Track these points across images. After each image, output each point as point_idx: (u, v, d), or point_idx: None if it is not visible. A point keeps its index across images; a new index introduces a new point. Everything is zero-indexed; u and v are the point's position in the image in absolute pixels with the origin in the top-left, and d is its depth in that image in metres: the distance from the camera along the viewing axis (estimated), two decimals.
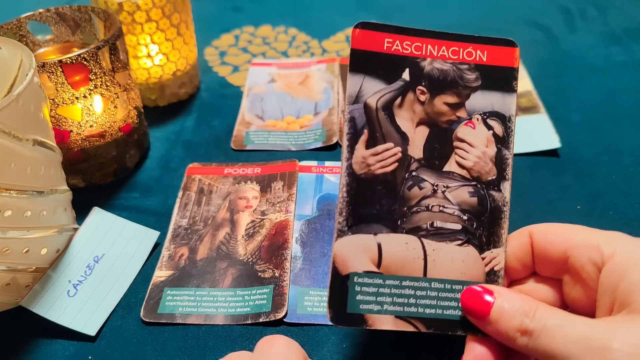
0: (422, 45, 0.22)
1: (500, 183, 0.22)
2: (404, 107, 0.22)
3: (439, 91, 0.22)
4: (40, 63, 0.28)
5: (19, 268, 0.26)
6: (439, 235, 0.21)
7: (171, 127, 0.40)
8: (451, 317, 0.20)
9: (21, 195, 0.24)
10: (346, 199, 0.21)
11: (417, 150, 0.22)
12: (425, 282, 0.21)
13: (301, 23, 0.51)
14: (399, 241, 0.21)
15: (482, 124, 0.22)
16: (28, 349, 0.26)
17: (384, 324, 0.20)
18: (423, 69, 0.22)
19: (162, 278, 0.28)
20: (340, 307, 0.20)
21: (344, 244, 0.21)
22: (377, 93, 0.22)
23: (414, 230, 0.21)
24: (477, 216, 0.21)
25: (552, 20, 0.50)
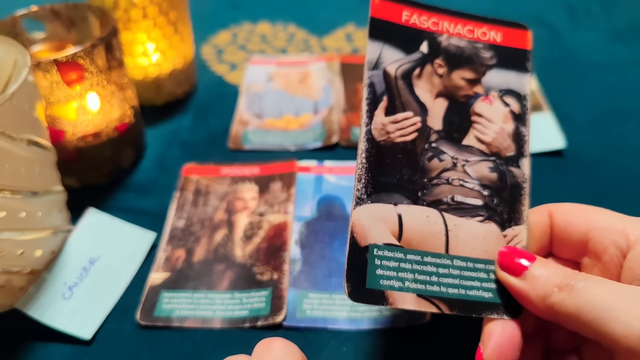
0: (439, 22, 0.23)
1: (519, 159, 0.21)
2: (422, 78, 0.22)
3: (456, 66, 0.22)
4: (34, 61, 0.28)
5: (14, 270, 0.26)
6: (460, 210, 0.21)
7: (168, 126, 0.39)
8: (475, 298, 0.19)
9: (15, 195, 0.24)
10: (365, 165, 0.21)
11: (437, 121, 0.22)
12: (448, 259, 0.20)
13: (300, 20, 0.51)
14: (420, 214, 0.20)
15: (499, 100, 0.22)
16: (23, 352, 0.25)
17: (406, 302, 0.19)
18: (440, 43, 0.22)
19: (158, 280, 0.28)
20: (359, 281, 0.19)
21: (363, 212, 0.20)
22: (396, 62, 0.22)
23: (435, 203, 0.21)
24: (498, 192, 0.21)
25: (556, 17, 0.50)
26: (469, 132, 0.22)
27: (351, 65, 0.44)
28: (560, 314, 0.17)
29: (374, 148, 0.21)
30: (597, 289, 0.17)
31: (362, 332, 0.25)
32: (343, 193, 0.33)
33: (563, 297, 0.17)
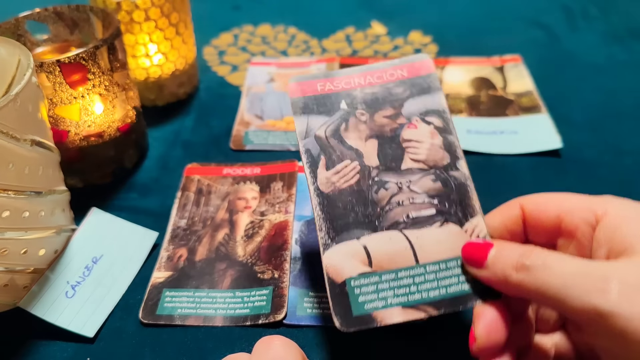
0: (350, 80, 0.26)
1: (455, 163, 0.24)
2: (349, 129, 0.25)
3: (375, 109, 0.25)
4: (38, 63, 0.28)
5: (17, 269, 0.26)
6: (418, 224, 0.22)
7: (170, 127, 0.40)
8: (457, 293, 0.21)
9: (19, 195, 0.24)
10: (321, 215, 0.23)
11: (373, 159, 0.24)
12: (420, 267, 0.21)
13: (301, 22, 0.51)
14: (382, 238, 0.22)
15: (422, 122, 0.25)
16: (26, 350, 0.25)
17: (394, 316, 0.21)
18: (356, 97, 0.25)
19: (160, 279, 0.28)
20: (346, 313, 0.21)
21: (331, 255, 0.22)
22: (323, 125, 0.25)
23: (392, 225, 0.22)
24: (446, 197, 0.23)
25: (553, 19, 0.50)
26: (404, 158, 0.24)
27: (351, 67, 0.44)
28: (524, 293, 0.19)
29: (324, 199, 0.23)
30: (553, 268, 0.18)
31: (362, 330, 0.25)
32: None
33: (521, 278, 0.18)
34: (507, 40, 0.47)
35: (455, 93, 0.40)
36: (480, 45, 0.46)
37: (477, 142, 0.36)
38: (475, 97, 0.40)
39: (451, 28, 0.49)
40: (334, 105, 0.25)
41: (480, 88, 0.41)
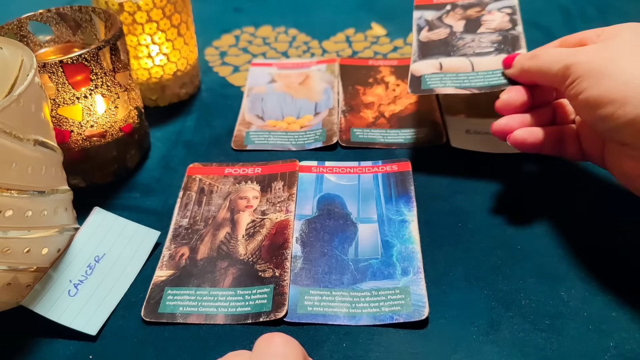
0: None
1: (514, 27, 0.34)
2: (448, 16, 0.37)
3: (468, 8, 0.37)
4: (41, 63, 0.28)
5: (20, 268, 0.26)
6: (479, 55, 0.33)
7: (172, 127, 0.40)
8: (496, 84, 0.31)
9: (22, 195, 0.25)
10: (417, 50, 0.35)
11: (459, 28, 0.36)
12: (474, 72, 0.32)
13: (301, 23, 0.51)
14: (453, 59, 0.34)
15: (498, 11, 0.36)
16: (29, 348, 0.26)
17: (447, 90, 0.32)
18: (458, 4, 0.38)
19: (162, 278, 0.28)
20: (416, 86, 0.33)
21: (417, 64, 0.34)
22: (431, 14, 0.38)
23: (462, 55, 0.34)
24: (503, 42, 0.34)
25: (551, 20, 0.51)
26: (480, 27, 0.35)
27: (351, 67, 0.44)
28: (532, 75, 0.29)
29: (421, 44, 0.36)
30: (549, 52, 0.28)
31: (362, 328, 0.26)
32: (343, 192, 0.33)
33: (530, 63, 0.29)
34: None
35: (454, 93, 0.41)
36: None
37: (476, 142, 0.36)
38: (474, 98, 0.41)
39: None
40: (442, 7, 0.38)
41: None
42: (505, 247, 0.29)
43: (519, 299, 0.27)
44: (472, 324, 0.26)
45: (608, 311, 0.26)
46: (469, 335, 0.25)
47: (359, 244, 0.30)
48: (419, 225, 0.30)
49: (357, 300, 0.27)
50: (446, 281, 0.28)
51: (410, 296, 0.26)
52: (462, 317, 0.26)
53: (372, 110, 0.40)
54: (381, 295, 0.27)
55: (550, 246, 0.29)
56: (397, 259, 0.29)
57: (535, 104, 0.30)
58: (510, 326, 0.25)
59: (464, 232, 0.30)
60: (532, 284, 0.27)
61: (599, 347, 0.24)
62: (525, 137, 0.28)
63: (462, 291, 0.27)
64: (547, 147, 0.29)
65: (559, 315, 0.26)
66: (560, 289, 0.27)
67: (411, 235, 0.30)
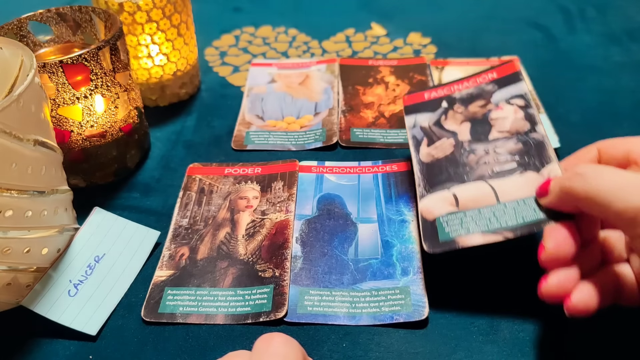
0: (451, 87, 0.32)
1: (534, 128, 0.28)
2: (448, 119, 0.30)
3: (469, 102, 0.31)
4: (41, 63, 0.28)
5: (20, 268, 0.26)
6: (501, 175, 0.27)
7: (172, 127, 0.40)
8: (532, 220, 0.24)
9: (22, 195, 0.25)
10: (420, 176, 0.29)
11: (466, 135, 0.29)
12: (501, 205, 0.25)
13: (301, 23, 0.51)
14: (469, 187, 0.27)
15: (507, 104, 0.30)
16: (29, 348, 0.26)
17: (474, 239, 0.25)
18: (455, 97, 0.31)
19: (162, 278, 0.28)
20: (433, 239, 0.26)
21: (426, 201, 0.27)
22: (426, 119, 0.31)
23: (479, 178, 0.27)
24: (526, 152, 0.27)
25: (551, 20, 0.51)
26: (491, 131, 0.29)
27: (351, 67, 0.44)
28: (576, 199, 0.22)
29: (424, 167, 0.29)
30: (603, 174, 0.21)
31: (361, 328, 0.26)
32: (343, 192, 0.33)
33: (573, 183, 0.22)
34: (505, 42, 0.47)
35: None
36: (479, 47, 0.47)
37: None
38: None
39: (450, 29, 0.50)
40: (437, 106, 0.31)
41: None
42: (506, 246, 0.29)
43: (519, 299, 0.27)
44: (472, 324, 0.26)
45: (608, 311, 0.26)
46: (469, 335, 0.25)
47: (359, 244, 0.30)
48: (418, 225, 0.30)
49: (357, 300, 0.27)
50: (446, 281, 0.28)
51: (410, 296, 0.26)
52: (462, 317, 0.26)
53: (372, 110, 0.40)
54: (381, 295, 0.27)
55: None
56: (397, 259, 0.29)
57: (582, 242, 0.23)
58: (510, 326, 0.25)
59: None
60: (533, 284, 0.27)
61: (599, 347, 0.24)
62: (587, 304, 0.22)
63: (462, 291, 0.27)
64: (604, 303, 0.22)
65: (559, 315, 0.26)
66: None
67: (411, 235, 0.30)
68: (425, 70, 0.44)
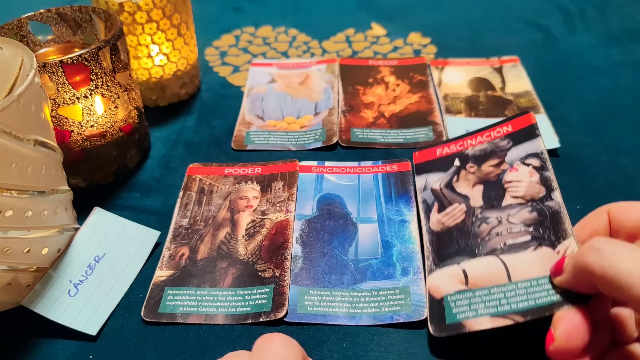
0: (464, 143, 0.31)
1: (550, 194, 0.26)
2: (460, 180, 0.29)
3: (483, 161, 0.29)
4: (41, 63, 0.28)
5: (20, 268, 0.26)
6: (514, 249, 0.25)
7: (172, 127, 0.40)
8: (544, 303, 0.22)
9: (22, 195, 0.25)
10: (430, 247, 0.27)
11: (478, 201, 0.28)
12: (512, 285, 0.23)
13: (301, 23, 0.51)
14: (480, 262, 0.25)
15: (522, 165, 0.28)
16: (29, 348, 0.26)
17: (482, 324, 0.23)
18: (467, 154, 0.30)
19: (162, 278, 0.29)
20: (440, 321, 0.24)
21: (434, 277, 0.26)
22: (438, 180, 0.30)
23: (490, 252, 0.25)
24: (541, 224, 0.25)
25: (551, 20, 0.51)
26: (505, 196, 0.27)
27: (351, 67, 0.44)
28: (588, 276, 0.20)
29: (434, 236, 0.28)
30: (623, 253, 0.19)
31: (361, 328, 0.26)
32: (343, 192, 0.33)
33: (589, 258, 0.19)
34: (505, 42, 0.47)
35: (454, 94, 0.41)
36: (479, 47, 0.47)
37: None
38: (474, 98, 0.41)
39: (450, 29, 0.50)
40: (449, 164, 0.30)
41: (479, 89, 0.41)
42: None
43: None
44: None
45: None
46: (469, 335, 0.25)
47: (359, 244, 0.30)
48: (419, 225, 0.30)
49: (357, 300, 0.27)
50: None
51: (410, 296, 0.26)
52: None
53: (372, 110, 0.40)
54: (381, 295, 0.27)
55: None
56: (397, 259, 0.29)
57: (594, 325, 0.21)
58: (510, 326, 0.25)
59: None
60: None
61: None
62: None
63: None
64: None
65: None
66: None
67: (411, 235, 0.30)
68: (425, 70, 0.44)
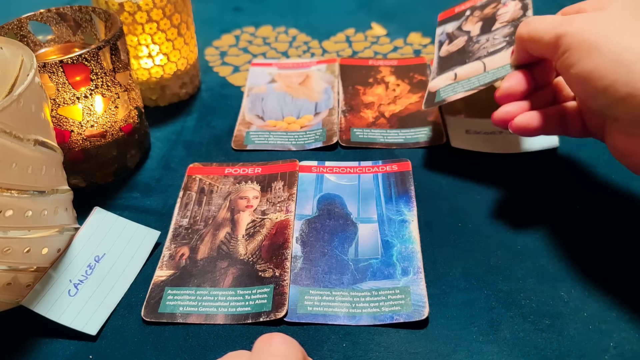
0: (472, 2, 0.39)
1: (525, 13, 0.33)
2: (467, 22, 0.37)
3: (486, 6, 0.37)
4: (41, 63, 0.28)
5: (20, 268, 0.26)
6: (493, 54, 0.32)
7: (172, 127, 0.40)
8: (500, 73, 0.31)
9: (22, 195, 0.25)
10: (435, 65, 0.36)
11: (476, 32, 0.35)
12: (485, 73, 0.32)
13: (301, 23, 0.51)
14: (466, 66, 0.33)
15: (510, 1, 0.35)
16: (29, 348, 0.26)
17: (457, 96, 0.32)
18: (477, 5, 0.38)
19: (162, 277, 0.29)
20: (430, 99, 0.34)
21: (435, 81, 0.35)
22: (452, 26, 0.38)
23: (476, 59, 0.33)
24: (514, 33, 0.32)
25: None
26: (495, 23, 0.34)
27: (351, 67, 0.44)
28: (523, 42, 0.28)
29: (441, 60, 0.36)
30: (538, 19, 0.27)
31: (361, 328, 0.26)
32: (343, 192, 0.33)
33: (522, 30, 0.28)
34: None
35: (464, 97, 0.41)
36: None
37: (476, 142, 0.36)
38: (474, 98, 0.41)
39: None
40: (462, 15, 0.38)
41: None
42: (505, 247, 0.29)
43: (519, 299, 0.27)
44: (472, 324, 0.26)
45: (608, 311, 0.26)
46: (469, 335, 0.25)
47: (359, 244, 0.30)
48: (419, 225, 0.30)
49: (357, 300, 0.27)
50: (446, 281, 0.28)
51: (410, 296, 0.26)
52: (462, 317, 0.26)
53: (372, 110, 0.40)
54: (381, 295, 0.27)
55: (550, 246, 0.29)
56: (397, 259, 0.29)
57: (536, 85, 0.29)
58: (510, 326, 0.25)
59: (464, 232, 0.30)
60: (532, 284, 0.27)
61: (599, 347, 0.24)
62: (527, 122, 0.28)
63: (462, 291, 0.27)
64: (549, 128, 0.28)
65: (559, 315, 0.26)
66: (560, 289, 0.27)
67: (411, 235, 0.30)
68: (425, 70, 0.44)
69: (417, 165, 0.35)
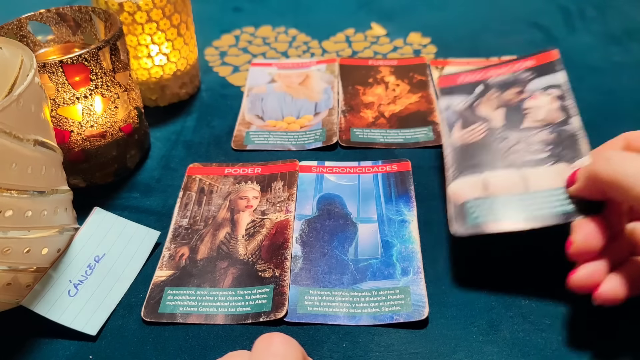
0: (486, 72, 0.32)
1: (568, 120, 0.28)
2: (481, 104, 0.30)
3: (505, 89, 0.31)
4: (41, 63, 0.28)
5: (20, 268, 0.26)
6: (532, 165, 0.27)
7: (172, 127, 0.40)
8: (560, 212, 0.24)
9: (22, 195, 0.25)
10: (451, 159, 0.29)
11: (499, 122, 0.29)
12: (530, 194, 0.25)
13: (301, 23, 0.51)
14: (499, 174, 0.27)
15: (543, 93, 0.29)
16: (29, 348, 0.26)
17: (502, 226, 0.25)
18: (490, 83, 0.32)
19: (162, 278, 0.29)
20: (462, 224, 0.26)
21: (456, 185, 0.28)
22: (460, 102, 0.32)
23: (510, 165, 0.27)
24: (558, 144, 0.27)
25: (551, 20, 0.51)
26: (524, 120, 0.29)
27: (351, 67, 0.44)
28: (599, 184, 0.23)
29: (454, 150, 0.29)
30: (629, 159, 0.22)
31: (361, 328, 0.26)
32: (343, 192, 0.33)
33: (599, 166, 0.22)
34: (505, 42, 0.47)
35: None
36: (479, 47, 0.47)
37: None
38: None
39: (450, 29, 0.50)
40: (472, 90, 0.32)
41: None
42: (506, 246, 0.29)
43: (519, 299, 0.27)
44: (472, 324, 0.26)
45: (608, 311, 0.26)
46: (469, 335, 0.25)
47: (359, 244, 0.30)
48: (419, 225, 0.30)
49: (357, 300, 0.27)
50: (446, 281, 0.28)
51: (410, 296, 0.26)
52: (462, 317, 0.26)
53: (372, 110, 0.40)
54: (381, 295, 0.27)
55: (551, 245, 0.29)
56: (397, 259, 0.29)
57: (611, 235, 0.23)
58: (510, 326, 0.25)
59: None
60: (532, 284, 0.27)
61: (600, 347, 0.24)
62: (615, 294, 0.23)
63: (462, 291, 0.27)
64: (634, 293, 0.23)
65: (559, 315, 0.26)
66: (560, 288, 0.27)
67: (411, 235, 0.30)
68: (425, 70, 0.44)
69: (417, 165, 0.35)
